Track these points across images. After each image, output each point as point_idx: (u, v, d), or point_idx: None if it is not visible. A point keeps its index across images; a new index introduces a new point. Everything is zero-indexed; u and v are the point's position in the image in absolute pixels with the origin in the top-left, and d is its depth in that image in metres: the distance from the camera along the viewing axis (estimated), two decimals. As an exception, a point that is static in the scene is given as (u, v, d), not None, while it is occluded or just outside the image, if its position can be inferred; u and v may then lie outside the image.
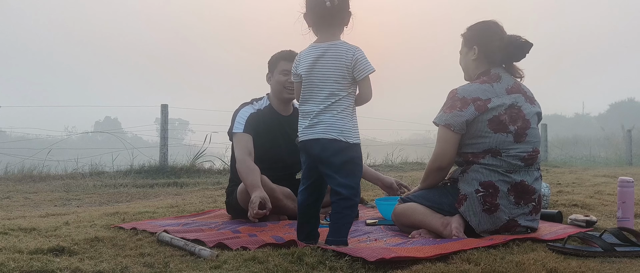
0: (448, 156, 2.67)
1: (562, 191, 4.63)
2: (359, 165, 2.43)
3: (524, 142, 2.64)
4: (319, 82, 2.40)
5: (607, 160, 13.70)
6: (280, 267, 2.07)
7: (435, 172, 2.74)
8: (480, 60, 2.77)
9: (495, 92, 2.65)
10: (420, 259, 2.13)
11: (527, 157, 2.64)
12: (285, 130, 3.45)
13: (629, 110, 43.59)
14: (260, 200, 2.87)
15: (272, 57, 3.48)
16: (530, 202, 2.64)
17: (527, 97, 2.72)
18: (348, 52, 2.38)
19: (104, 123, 38.66)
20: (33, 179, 6.95)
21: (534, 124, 2.71)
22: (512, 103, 2.64)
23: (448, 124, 2.63)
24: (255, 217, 2.85)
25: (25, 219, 3.52)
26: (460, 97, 2.65)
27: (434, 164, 2.72)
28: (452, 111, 2.63)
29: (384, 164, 9.48)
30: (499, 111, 2.61)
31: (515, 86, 2.71)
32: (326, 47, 2.41)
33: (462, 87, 2.70)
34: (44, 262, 2.15)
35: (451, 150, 2.66)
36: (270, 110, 3.47)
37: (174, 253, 2.40)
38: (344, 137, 2.37)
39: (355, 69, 2.37)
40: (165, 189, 6.09)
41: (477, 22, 2.83)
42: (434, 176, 2.77)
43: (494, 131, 2.61)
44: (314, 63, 2.42)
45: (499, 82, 2.69)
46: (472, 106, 2.61)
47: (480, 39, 2.77)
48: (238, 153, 3.25)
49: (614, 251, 2.25)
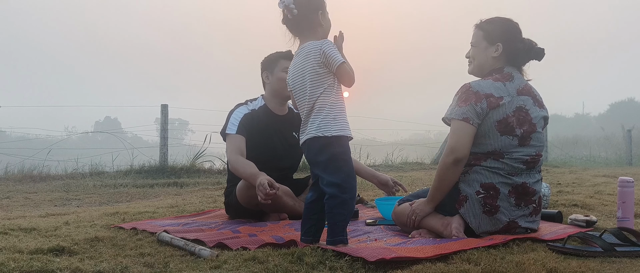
0: (465, 148, 2.56)
1: (562, 191, 4.63)
2: (344, 160, 2.40)
3: (528, 145, 2.61)
4: (301, 87, 2.46)
5: (607, 160, 13.70)
6: (280, 267, 2.07)
7: (452, 166, 2.56)
8: (501, 58, 2.72)
9: (507, 91, 2.61)
10: (421, 259, 2.13)
11: (529, 161, 2.62)
12: (280, 130, 3.46)
13: (629, 110, 43.59)
14: (267, 182, 2.86)
15: (269, 57, 3.48)
16: (530, 204, 2.64)
17: (536, 100, 2.69)
18: (315, 48, 2.42)
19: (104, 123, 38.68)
20: (33, 179, 6.96)
21: (540, 128, 2.67)
22: (520, 105, 2.60)
23: (466, 117, 2.56)
24: (266, 197, 2.84)
25: (25, 219, 3.52)
26: (474, 91, 2.60)
27: (450, 157, 2.57)
28: (468, 104, 2.57)
29: (384, 164, 9.47)
30: (508, 112, 2.57)
31: (526, 88, 2.68)
32: (299, 51, 2.50)
33: (476, 82, 2.65)
34: (44, 262, 2.15)
35: (468, 142, 2.56)
36: (265, 111, 3.47)
37: (174, 253, 2.40)
38: (321, 132, 2.38)
39: (327, 63, 2.40)
40: (165, 189, 6.09)
41: (499, 18, 2.76)
42: (451, 172, 2.58)
43: (501, 133, 2.57)
44: (295, 69, 2.49)
45: (511, 82, 2.65)
46: (485, 102, 2.57)
47: (505, 37, 2.71)
48: (229, 154, 3.26)
49: (614, 251, 2.25)
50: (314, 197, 2.50)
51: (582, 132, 27.44)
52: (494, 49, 2.72)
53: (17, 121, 10.91)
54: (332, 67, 2.39)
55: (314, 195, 2.50)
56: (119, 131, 14.03)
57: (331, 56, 2.38)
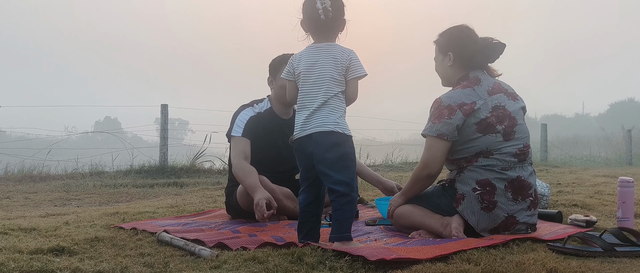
0: (438, 163, 2.68)
1: (562, 191, 4.63)
2: (352, 161, 2.46)
3: (514, 139, 2.65)
4: (317, 80, 2.45)
5: (607, 160, 13.71)
6: (280, 267, 2.07)
7: (424, 179, 2.74)
8: (457, 66, 2.79)
9: (478, 95, 2.66)
10: (420, 259, 2.13)
11: (519, 153, 2.65)
12: (285, 133, 3.46)
13: (629, 110, 43.54)
14: (265, 202, 2.87)
15: (274, 61, 3.47)
16: (527, 198, 2.65)
17: (509, 94, 2.74)
18: (343, 53, 2.47)
19: (104, 123, 38.67)
20: (33, 179, 6.96)
21: (521, 120, 2.72)
22: (495, 104, 2.66)
23: (440, 133, 2.63)
24: (265, 219, 2.87)
25: (25, 219, 3.52)
26: (446, 105, 2.66)
27: (423, 171, 2.71)
28: (441, 120, 2.64)
29: (384, 164, 9.47)
30: (485, 114, 2.63)
31: (496, 86, 2.73)
32: (324, 48, 2.49)
33: (446, 95, 2.71)
34: (44, 262, 2.15)
35: (441, 157, 2.67)
36: (271, 114, 3.47)
37: (174, 253, 2.40)
38: (341, 128, 2.41)
39: (349, 69, 2.45)
40: (165, 189, 6.09)
41: (448, 28, 2.85)
42: (422, 183, 2.77)
43: (482, 133, 2.62)
44: (313, 62, 2.47)
45: (480, 85, 2.70)
46: (460, 112, 2.63)
47: (454, 44, 2.79)
48: (234, 158, 3.26)
49: (614, 251, 2.25)
50: (311, 199, 2.49)
51: (582, 132, 27.45)
52: (447, 59, 2.81)
53: (17, 121, 10.91)
54: (352, 73, 2.44)
55: (310, 197, 2.49)
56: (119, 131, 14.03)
57: (357, 65, 2.45)
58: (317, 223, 2.52)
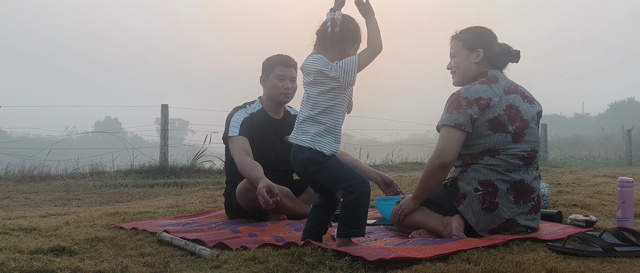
0: (453, 152, 2.61)
1: (562, 191, 4.62)
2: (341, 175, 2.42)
3: (523, 141, 2.65)
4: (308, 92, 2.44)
5: (607, 160, 13.70)
6: (280, 266, 2.07)
7: (438, 169, 2.63)
8: (483, 63, 2.80)
9: (494, 92, 2.67)
10: (420, 259, 2.13)
11: (526, 156, 2.65)
12: (277, 133, 3.47)
13: (629, 110, 43.54)
14: (266, 189, 2.86)
15: (267, 60, 3.49)
16: (529, 201, 2.65)
17: (525, 97, 2.74)
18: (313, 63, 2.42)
19: (104, 123, 38.64)
20: (33, 179, 6.95)
21: (533, 123, 2.71)
22: (509, 104, 2.66)
23: (458, 123, 2.60)
24: (268, 205, 2.85)
25: (25, 219, 3.52)
26: (464, 97, 2.65)
27: (437, 161, 2.62)
28: (459, 110, 2.62)
29: (384, 164, 9.48)
30: (498, 111, 2.63)
31: (513, 87, 2.73)
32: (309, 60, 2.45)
33: (464, 89, 2.72)
34: (44, 262, 2.15)
35: (456, 147, 2.62)
36: (263, 114, 3.49)
37: (174, 253, 2.40)
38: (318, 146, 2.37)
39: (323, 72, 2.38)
40: (166, 189, 6.09)
41: (474, 27, 2.86)
42: (436, 176, 2.66)
43: (493, 131, 2.62)
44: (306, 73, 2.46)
45: (497, 83, 2.71)
46: (476, 106, 2.63)
47: (485, 42, 2.80)
48: (236, 155, 3.26)
49: (613, 251, 2.25)
50: (323, 203, 2.50)
51: (582, 132, 27.42)
52: (475, 55, 2.80)
53: (17, 121, 10.90)
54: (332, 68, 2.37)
55: (323, 202, 2.50)
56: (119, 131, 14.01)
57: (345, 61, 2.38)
58: (322, 223, 2.51)
